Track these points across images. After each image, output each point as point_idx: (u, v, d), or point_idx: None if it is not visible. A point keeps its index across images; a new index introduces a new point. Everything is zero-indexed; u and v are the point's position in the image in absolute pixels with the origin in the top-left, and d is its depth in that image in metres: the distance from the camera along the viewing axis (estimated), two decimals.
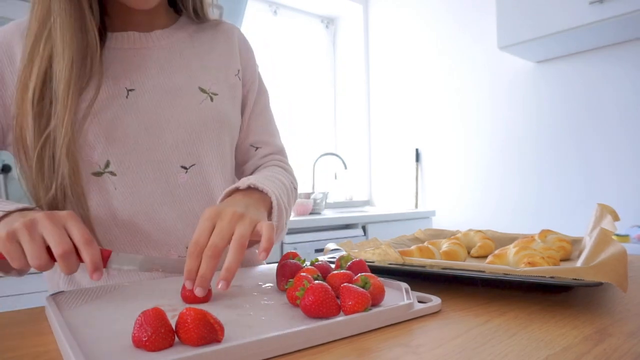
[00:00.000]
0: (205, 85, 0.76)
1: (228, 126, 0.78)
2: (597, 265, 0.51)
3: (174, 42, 0.78)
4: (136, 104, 0.70)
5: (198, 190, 0.74)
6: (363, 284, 0.50)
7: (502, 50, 2.07)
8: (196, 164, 0.74)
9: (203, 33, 0.82)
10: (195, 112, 0.74)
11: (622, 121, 1.98)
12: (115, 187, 0.69)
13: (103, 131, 0.68)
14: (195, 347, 0.38)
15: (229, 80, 0.80)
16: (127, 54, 0.73)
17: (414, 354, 0.39)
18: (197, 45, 0.80)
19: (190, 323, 0.38)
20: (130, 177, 0.70)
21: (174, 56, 0.76)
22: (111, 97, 0.69)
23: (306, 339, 0.41)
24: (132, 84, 0.71)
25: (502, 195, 2.39)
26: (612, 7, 1.69)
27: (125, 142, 0.69)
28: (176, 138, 0.72)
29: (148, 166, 0.70)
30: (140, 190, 0.70)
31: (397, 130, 2.92)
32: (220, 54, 0.82)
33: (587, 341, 0.41)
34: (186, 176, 0.73)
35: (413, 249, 0.74)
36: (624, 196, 1.96)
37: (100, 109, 0.68)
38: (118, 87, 0.70)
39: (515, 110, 2.33)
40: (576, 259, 0.70)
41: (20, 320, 0.52)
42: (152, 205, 0.71)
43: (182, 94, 0.74)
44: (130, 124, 0.69)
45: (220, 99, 0.77)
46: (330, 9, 3.16)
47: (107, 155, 0.68)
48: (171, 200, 0.72)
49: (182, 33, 0.80)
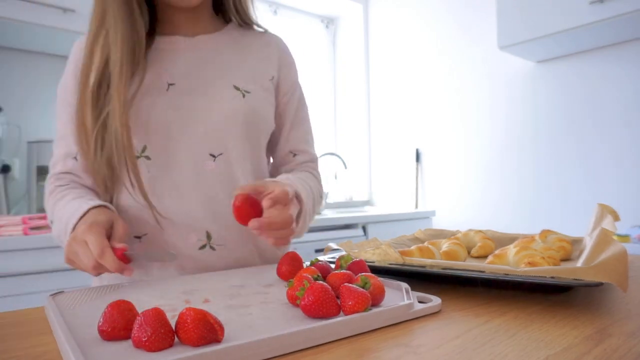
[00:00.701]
0: (240, 84, 0.82)
1: (257, 122, 0.83)
2: (598, 265, 0.51)
3: (215, 44, 0.85)
4: (174, 96, 0.77)
5: (223, 178, 0.79)
6: (363, 284, 0.50)
7: (502, 50, 2.07)
8: (223, 153, 0.79)
9: (246, 39, 0.89)
10: (226, 106, 0.79)
11: (622, 121, 1.98)
12: (148, 170, 0.76)
13: (143, 119, 0.75)
14: (195, 347, 0.37)
15: (263, 83, 0.86)
16: (171, 55, 0.81)
17: (414, 354, 0.39)
18: (237, 48, 0.86)
19: (190, 323, 0.38)
20: (162, 162, 0.77)
21: (215, 57, 0.83)
22: (153, 89, 0.77)
23: (306, 339, 0.41)
24: (173, 78, 0.79)
25: (502, 195, 2.39)
26: (612, 7, 1.69)
27: (161, 130, 0.76)
28: (207, 128, 0.78)
29: (179, 152, 0.77)
30: (171, 174, 0.77)
31: (397, 130, 2.92)
32: (258, 57, 0.87)
33: (587, 341, 0.41)
34: (213, 164, 0.78)
35: (413, 249, 0.74)
36: (624, 196, 1.96)
37: (142, 99, 0.75)
38: (160, 80, 0.78)
39: (515, 110, 2.33)
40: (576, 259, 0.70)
41: (20, 320, 0.52)
42: (179, 189, 0.77)
43: (216, 90, 0.80)
44: (167, 113, 0.76)
45: (252, 97, 0.82)
46: (330, 9, 3.16)
47: (145, 141, 0.76)
48: (197, 186, 0.77)
49: (226, 38, 0.87)
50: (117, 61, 0.72)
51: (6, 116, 1.84)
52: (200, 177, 0.77)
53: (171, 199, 0.77)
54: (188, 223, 0.77)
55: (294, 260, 0.64)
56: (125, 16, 0.73)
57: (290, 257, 0.65)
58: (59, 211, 0.73)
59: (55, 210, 0.75)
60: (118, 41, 0.72)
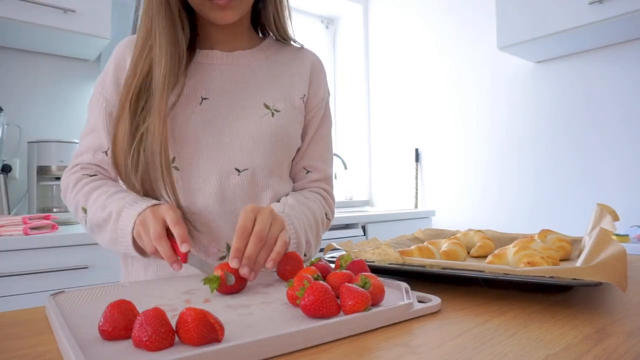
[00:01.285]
0: (270, 102, 0.84)
1: (284, 140, 0.84)
2: (597, 265, 0.51)
3: (251, 61, 0.86)
4: (207, 110, 0.80)
5: (245, 193, 0.81)
6: (363, 284, 0.50)
7: (502, 51, 2.07)
8: (249, 169, 0.80)
9: (281, 55, 0.90)
10: (255, 124, 0.81)
11: (621, 121, 1.98)
12: (177, 181, 0.77)
13: (175, 130, 0.78)
14: (195, 347, 0.38)
15: (293, 101, 0.87)
16: (209, 69, 0.83)
17: (414, 354, 0.39)
18: (271, 65, 0.88)
19: (191, 323, 0.38)
20: (189, 173, 0.78)
21: (249, 74, 0.85)
22: (187, 102, 0.79)
23: (306, 339, 0.41)
24: (207, 93, 0.81)
25: (501, 195, 2.39)
26: (611, 7, 1.69)
27: (191, 142, 0.78)
28: (235, 143, 0.80)
29: (207, 165, 0.79)
30: (197, 185, 0.78)
31: (397, 130, 2.92)
32: (291, 75, 0.88)
33: (586, 341, 0.41)
34: (238, 178, 0.80)
35: (413, 249, 0.74)
36: (623, 196, 1.97)
37: (177, 111, 0.78)
38: (195, 94, 0.80)
39: (515, 110, 2.33)
40: (576, 259, 0.70)
41: (20, 320, 0.52)
42: (204, 200, 0.78)
43: (247, 107, 0.82)
44: (198, 126, 0.78)
45: (282, 116, 0.84)
46: (330, 9, 3.16)
47: (174, 152, 0.78)
48: (220, 198, 0.79)
49: (261, 54, 0.88)
50: (159, 76, 0.74)
51: (6, 116, 1.84)
52: (223, 190, 0.79)
53: (195, 209, 0.78)
54: (209, 234, 0.79)
55: (294, 260, 0.65)
56: (170, 33, 0.75)
57: (290, 257, 0.65)
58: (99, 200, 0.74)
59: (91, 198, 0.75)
60: (162, 57, 0.74)
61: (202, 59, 0.83)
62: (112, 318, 0.41)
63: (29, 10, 1.60)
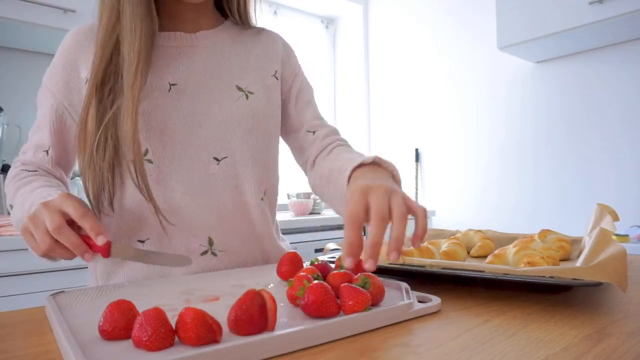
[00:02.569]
0: (243, 84, 0.80)
1: (262, 123, 0.81)
2: (597, 265, 0.51)
3: (217, 42, 0.82)
4: (177, 97, 0.75)
5: (227, 182, 0.77)
6: (363, 284, 0.50)
7: (502, 51, 2.07)
8: (228, 157, 0.77)
9: (245, 36, 0.87)
10: (230, 108, 0.78)
11: (621, 121, 1.98)
12: (150, 174, 0.73)
13: (144, 121, 0.72)
14: (195, 347, 0.38)
15: (265, 81, 0.84)
16: (173, 52, 0.78)
17: (414, 354, 0.39)
18: (238, 46, 0.84)
19: (189, 323, 0.38)
20: (165, 165, 0.74)
21: (216, 55, 0.81)
22: (154, 89, 0.74)
23: (306, 339, 0.41)
24: (175, 78, 0.76)
25: (501, 195, 2.39)
26: (611, 7, 1.69)
27: (164, 132, 0.74)
28: (210, 131, 0.76)
29: (182, 156, 0.75)
30: (173, 178, 0.74)
31: (397, 130, 2.92)
32: (259, 55, 0.86)
33: (586, 341, 0.41)
34: (217, 167, 0.77)
35: (413, 249, 0.74)
36: (623, 196, 1.97)
37: (144, 100, 0.72)
38: (162, 80, 0.75)
39: (515, 110, 2.33)
40: (576, 259, 0.70)
41: (20, 320, 0.52)
42: (183, 193, 0.75)
43: (219, 91, 0.78)
44: (169, 115, 0.74)
45: (256, 97, 0.81)
46: (330, 9, 3.16)
47: (146, 144, 0.73)
48: (200, 190, 0.75)
49: (225, 35, 0.84)
50: (134, 60, 0.68)
51: (6, 116, 1.84)
52: (203, 181, 0.75)
53: (173, 203, 0.74)
54: (190, 228, 0.75)
55: (294, 260, 0.65)
56: (145, 13, 0.70)
57: (290, 257, 0.65)
58: (22, 196, 0.69)
59: (18, 194, 0.71)
60: (136, 38, 0.68)
61: (165, 42, 0.78)
62: (112, 318, 0.41)
63: (29, 10, 1.60)
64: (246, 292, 0.42)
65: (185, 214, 0.75)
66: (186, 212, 0.75)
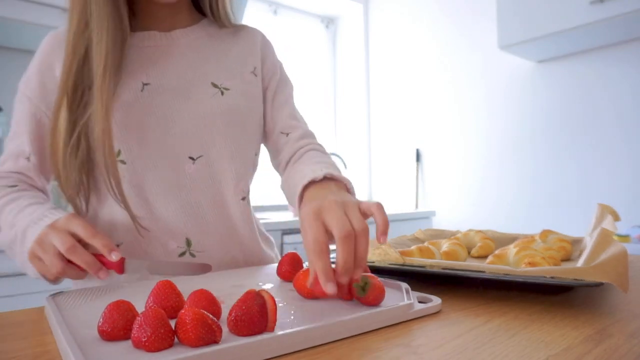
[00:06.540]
0: (218, 80, 0.79)
1: (239, 120, 0.79)
2: (598, 266, 0.51)
3: (192, 40, 0.81)
4: (150, 97, 0.73)
5: (204, 182, 0.76)
6: (363, 284, 0.50)
7: (503, 50, 2.07)
8: (203, 156, 0.76)
9: (223, 34, 0.85)
10: (204, 105, 0.76)
11: (622, 121, 1.97)
12: (124, 175, 0.71)
13: (116, 121, 0.71)
14: (194, 348, 0.37)
15: (243, 77, 0.82)
16: (147, 51, 0.76)
17: (414, 354, 0.39)
18: (215, 43, 0.83)
19: (189, 324, 0.38)
20: (138, 166, 0.72)
21: (191, 53, 0.79)
22: (127, 89, 0.72)
23: (306, 339, 0.41)
24: (148, 78, 0.74)
25: (502, 195, 2.39)
26: (612, 7, 1.69)
27: (136, 132, 0.72)
28: (185, 129, 0.74)
29: (157, 156, 0.73)
30: (148, 179, 0.73)
31: (397, 130, 2.92)
32: (237, 52, 0.84)
33: (587, 342, 0.41)
34: (193, 167, 0.75)
35: (413, 249, 0.74)
36: (624, 196, 1.96)
37: (117, 100, 0.71)
38: (135, 80, 0.73)
39: (516, 110, 2.33)
40: (577, 259, 0.70)
41: (20, 320, 0.52)
42: (158, 194, 0.73)
43: (194, 89, 0.76)
44: (142, 115, 0.72)
45: (232, 93, 0.79)
46: (330, 9, 3.16)
47: (119, 144, 0.71)
48: (177, 191, 0.74)
49: (203, 32, 0.83)
50: (101, 61, 0.66)
51: (6, 116, 1.83)
52: (179, 181, 0.74)
53: (148, 204, 0.73)
54: (166, 230, 0.74)
55: (294, 260, 0.65)
56: (112, 13, 0.68)
57: (290, 257, 0.65)
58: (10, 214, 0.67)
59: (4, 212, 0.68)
60: (103, 39, 0.67)
61: (138, 42, 0.76)
62: (111, 318, 0.40)
63: (29, 10, 1.60)
64: (246, 292, 0.42)
65: (162, 214, 0.73)
66: (162, 213, 0.73)
